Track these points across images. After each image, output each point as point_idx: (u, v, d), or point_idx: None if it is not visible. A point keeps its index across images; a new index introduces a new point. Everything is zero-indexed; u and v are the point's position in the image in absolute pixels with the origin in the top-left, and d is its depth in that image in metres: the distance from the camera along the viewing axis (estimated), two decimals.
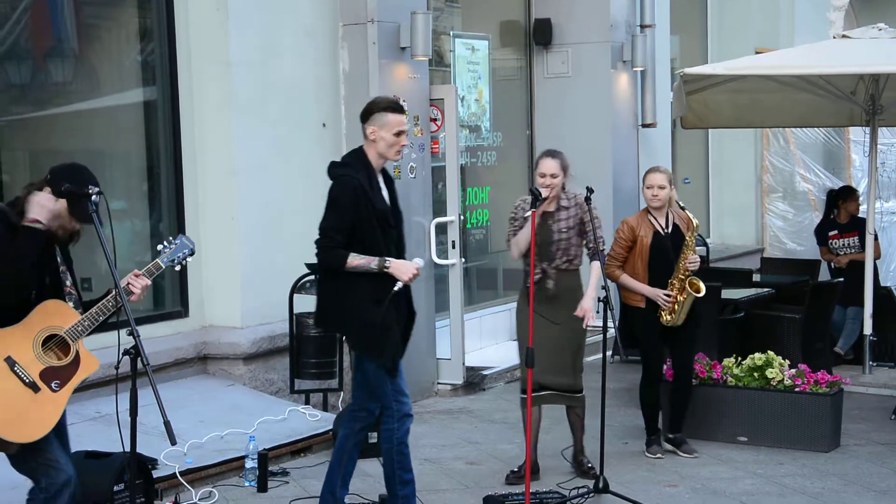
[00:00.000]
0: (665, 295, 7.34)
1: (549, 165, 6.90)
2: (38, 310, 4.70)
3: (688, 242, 7.38)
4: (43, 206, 4.74)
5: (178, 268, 5.04)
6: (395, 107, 5.98)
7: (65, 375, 4.72)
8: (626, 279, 7.45)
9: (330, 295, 5.94)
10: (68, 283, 4.86)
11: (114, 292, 4.77)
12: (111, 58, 8.33)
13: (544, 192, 6.67)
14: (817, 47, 9.92)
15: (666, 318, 7.37)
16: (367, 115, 5.98)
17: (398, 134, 5.92)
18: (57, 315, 4.73)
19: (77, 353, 4.76)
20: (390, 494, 6.03)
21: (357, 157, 5.96)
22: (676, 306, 7.35)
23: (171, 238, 5.04)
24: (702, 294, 7.37)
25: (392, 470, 5.98)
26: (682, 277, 7.34)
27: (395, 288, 5.76)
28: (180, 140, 8.32)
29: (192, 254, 5.05)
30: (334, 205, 5.85)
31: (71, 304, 4.84)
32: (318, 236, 5.90)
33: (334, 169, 5.99)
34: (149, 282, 4.88)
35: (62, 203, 4.74)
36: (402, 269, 5.80)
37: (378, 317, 5.73)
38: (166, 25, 8.26)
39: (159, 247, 5.00)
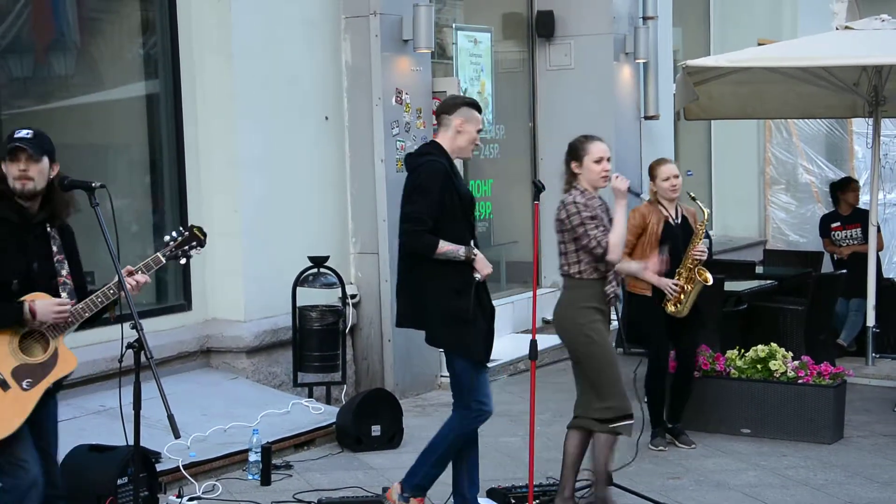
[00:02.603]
0: (673, 284, 7.34)
1: (605, 148, 6.14)
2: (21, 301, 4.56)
3: (697, 232, 7.40)
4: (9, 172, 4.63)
5: (183, 261, 4.86)
6: (479, 106, 6.00)
7: (39, 373, 4.58)
8: (632, 266, 7.42)
9: (415, 290, 5.83)
10: (64, 272, 4.70)
11: (102, 289, 4.65)
12: (113, 51, 8.33)
13: (610, 182, 6.08)
14: (820, 38, 9.91)
15: (670, 308, 7.36)
16: (454, 108, 5.91)
17: (479, 131, 5.95)
18: None
19: (56, 350, 4.63)
20: (419, 466, 6.04)
21: (436, 147, 5.91)
22: (682, 296, 7.35)
23: (181, 228, 4.84)
24: (709, 283, 7.39)
25: (434, 449, 6.01)
26: (690, 267, 7.35)
27: (476, 278, 5.73)
28: (183, 133, 8.31)
29: (200, 245, 4.83)
30: (424, 190, 5.74)
31: (65, 294, 4.67)
32: (404, 222, 5.78)
33: (416, 158, 5.92)
34: (146, 278, 4.70)
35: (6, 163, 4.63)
36: (485, 262, 5.79)
37: (465, 309, 5.68)
38: (168, 18, 8.26)
39: (167, 237, 4.81)
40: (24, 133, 4.62)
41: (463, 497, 6.13)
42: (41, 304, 4.55)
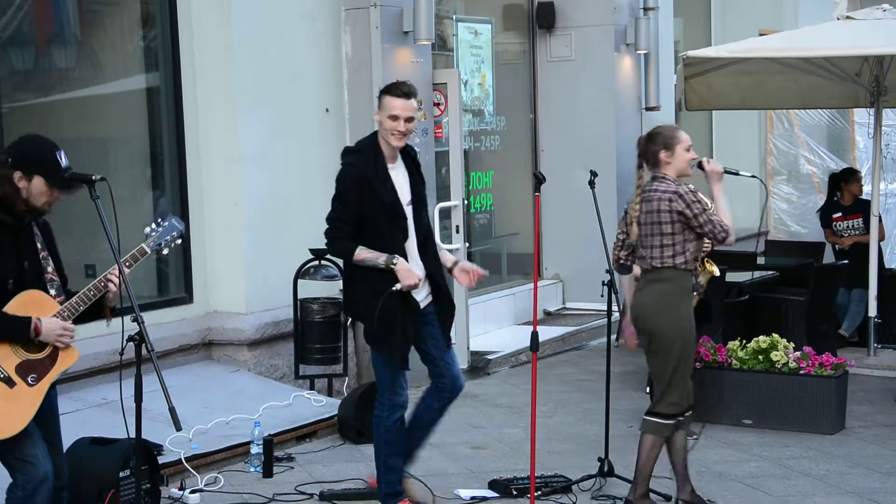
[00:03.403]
0: None
1: (689, 136, 6.15)
2: (14, 301, 4.57)
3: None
4: (42, 193, 4.67)
5: (165, 251, 4.87)
6: (393, 90, 5.81)
7: (42, 369, 4.60)
8: None
9: (347, 283, 5.98)
10: (50, 268, 4.71)
11: (94, 282, 4.66)
12: (114, 44, 8.32)
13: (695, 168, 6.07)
14: (821, 29, 9.89)
15: None
16: (378, 100, 5.92)
17: (392, 118, 5.75)
18: (34, 305, 4.60)
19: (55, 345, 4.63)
20: (379, 477, 6.05)
21: (368, 143, 5.88)
22: None
23: (160, 220, 4.88)
24: (717, 275, 7.36)
25: (378, 454, 6.00)
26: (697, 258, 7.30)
27: (394, 288, 5.72)
28: (183, 126, 8.31)
29: (180, 237, 4.89)
30: (339, 196, 5.81)
31: (53, 291, 4.69)
32: (326, 228, 5.88)
33: (343, 156, 5.95)
34: (126, 271, 4.68)
35: (37, 181, 4.60)
36: (407, 273, 5.73)
37: (376, 310, 5.69)
38: (169, 11, 8.25)
39: (147, 229, 4.84)
40: (67, 161, 4.64)
41: (380, 479, 6.07)
42: (47, 324, 4.58)
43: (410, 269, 5.77)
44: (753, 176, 7.28)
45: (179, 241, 4.91)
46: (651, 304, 6.02)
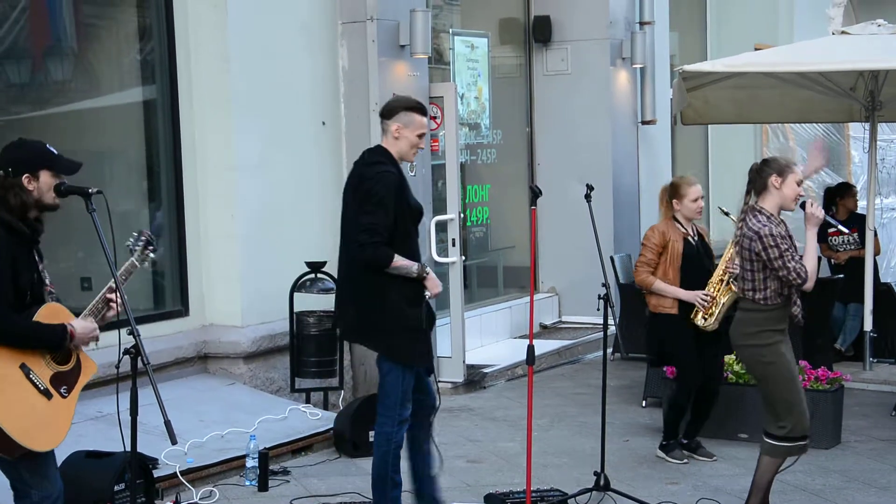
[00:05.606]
0: (703, 295, 7.26)
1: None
2: (40, 313, 4.59)
3: (731, 246, 7.29)
4: (51, 186, 4.65)
5: (146, 265, 4.94)
6: (421, 108, 5.91)
7: (71, 380, 4.65)
8: (660, 284, 7.32)
9: (365, 302, 5.80)
10: (48, 281, 4.74)
11: (102, 294, 4.69)
12: (110, 57, 8.33)
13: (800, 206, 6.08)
14: (816, 43, 9.91)
15: (699, 321, 7.23)
16: (392, 112, 5.87)
17: (420, 136, 5.87)
18: (59, 318, 4.63)
19: (78, 356, 4.69)
20: (381, 495, 5.97)
21: (386, 155, 5.86)
22: (714, 308, 7.26)
23: (135, 234, 4.92)
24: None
25: (385, 472, 5.92)
26: (723, 279, 7.26)
27: (427, 296, 5.79)
28: (180, 138, 8.31)
29: (150, 243, 4.90)
30: (380, 202, 5.69)
31: (52, 301, 4.72)
32: (362, 232, 5.68)
33: (367, 167, 5.82)
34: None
35: (44, 176, 4.60)
36: (435, 282, 5.83)
37: (419, 319, 5.75)
38: (165, 24, 8.26)
39: (127, 243, 4.89)
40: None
41: (385, 497, 5.98)
42: (79, 327, 4.62)
43: (435, 278, 5.86)
44: (850, 232, 7.25)
45: (151, 249, 4.92)
46: (732, 333, 6.17)
